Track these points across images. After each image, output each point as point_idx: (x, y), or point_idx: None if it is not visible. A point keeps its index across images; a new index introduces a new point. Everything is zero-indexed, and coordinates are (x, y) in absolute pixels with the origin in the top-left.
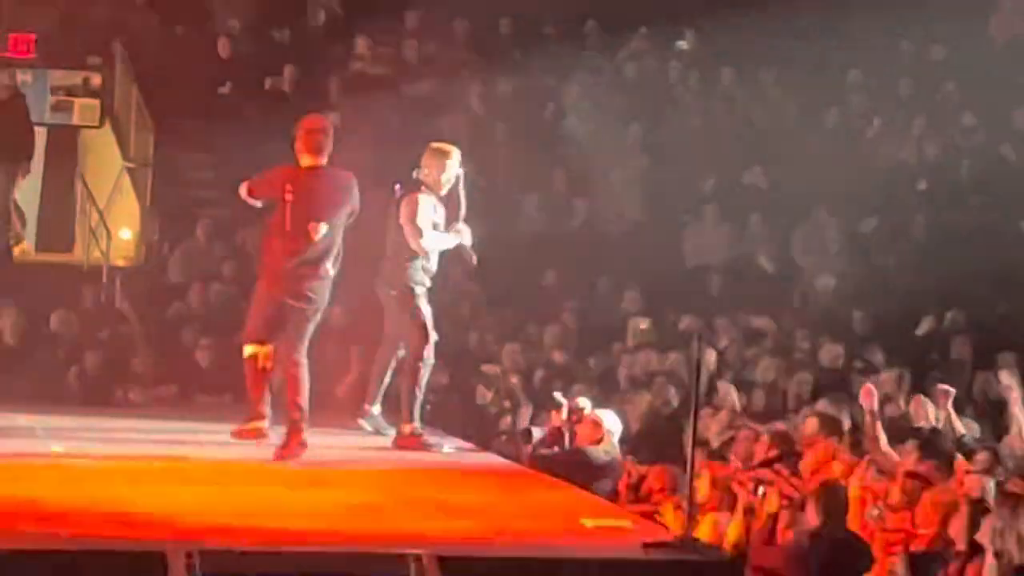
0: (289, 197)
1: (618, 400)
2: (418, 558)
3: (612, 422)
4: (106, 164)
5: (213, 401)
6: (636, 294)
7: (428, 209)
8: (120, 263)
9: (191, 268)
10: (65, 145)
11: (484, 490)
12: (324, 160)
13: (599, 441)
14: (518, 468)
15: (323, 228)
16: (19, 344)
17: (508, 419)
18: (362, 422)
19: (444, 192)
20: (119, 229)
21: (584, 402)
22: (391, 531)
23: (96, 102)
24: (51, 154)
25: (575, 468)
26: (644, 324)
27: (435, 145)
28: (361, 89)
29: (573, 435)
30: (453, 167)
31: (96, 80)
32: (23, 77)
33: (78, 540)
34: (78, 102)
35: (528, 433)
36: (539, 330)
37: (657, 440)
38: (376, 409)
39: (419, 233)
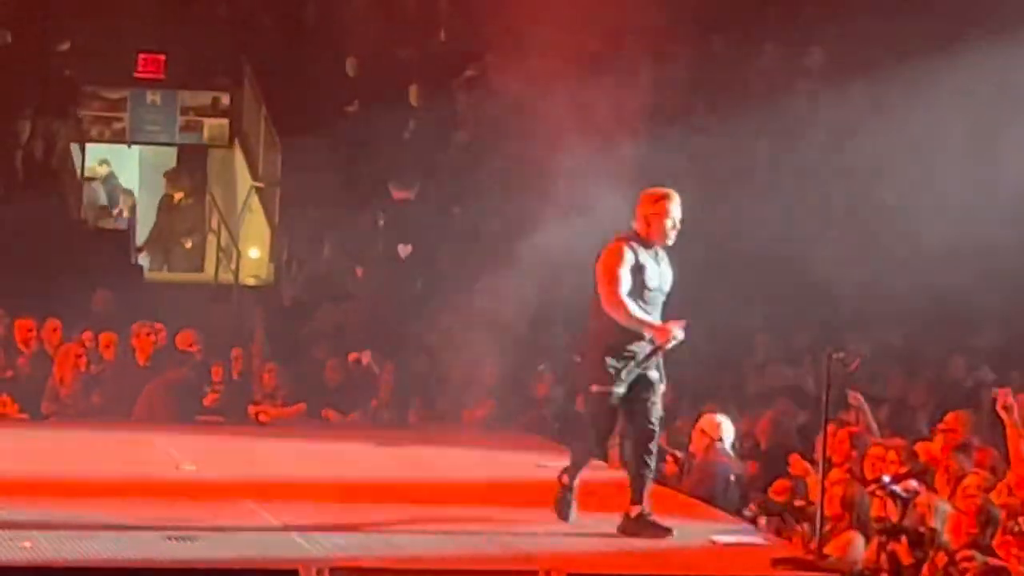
0: None
1: (747, 415)
2: (548, 572)
3: (724, 428)
4: (235, 184)
5: (341, 419)
6: (764, 309)
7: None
8: (250, 282)
9: (319, 287)
10: (195, 165)
11: (611, 505)
12: None
13: (708, 447)
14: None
15: None
16: (150, 364)
17: None
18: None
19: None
20: (248, 248)
21: None
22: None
23: (225, 122)
24: (181, 174)
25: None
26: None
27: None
28: (488, 106)
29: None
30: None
31: (225, 100)
32: (153, 97)
33: (211, 557)
34: (207, 122)
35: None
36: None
37: (785, 455)
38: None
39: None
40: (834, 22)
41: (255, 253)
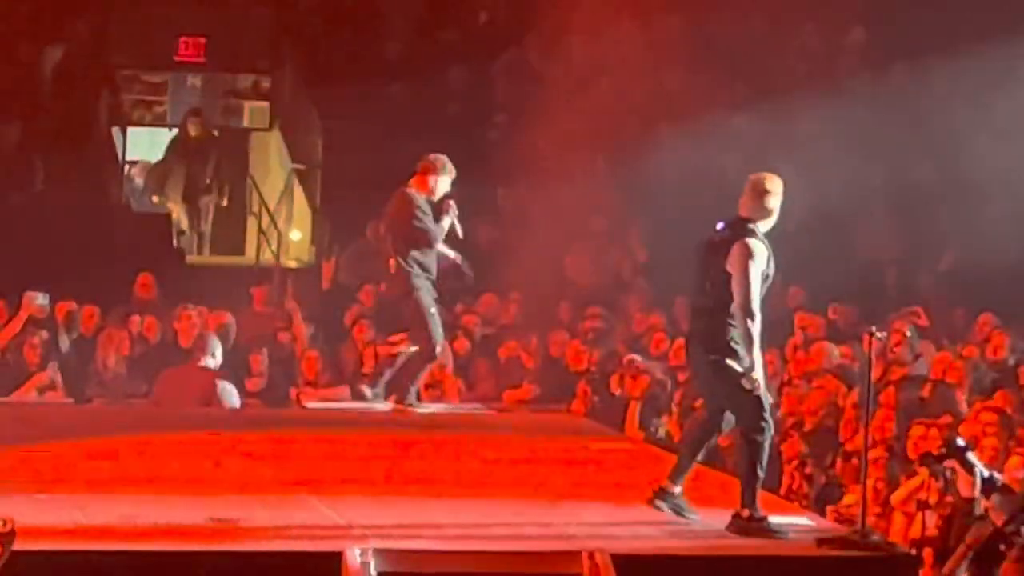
0: None
1: (790, 394)
2: (591, 555)
3: None
4: (276, 166)
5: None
6: (804, 288)
7: (762, 260)
8: (291, 264)
9: (361, 269)
10: (236, 148)
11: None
12: None
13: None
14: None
15: None
16: (193, 346)
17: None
18: (659, 503)
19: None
20: (289, 231)
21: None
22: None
23: (266, 104)
24: (222, 157)
25: None
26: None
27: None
28: (528, 88)
29: None
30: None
31: (265, 83)
32: (193, 81)
33: (254, 541)
34: (248, 105)
35: None
36: None
37: (832, 434)
38: (678, 489)
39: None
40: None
41: (296, 235)
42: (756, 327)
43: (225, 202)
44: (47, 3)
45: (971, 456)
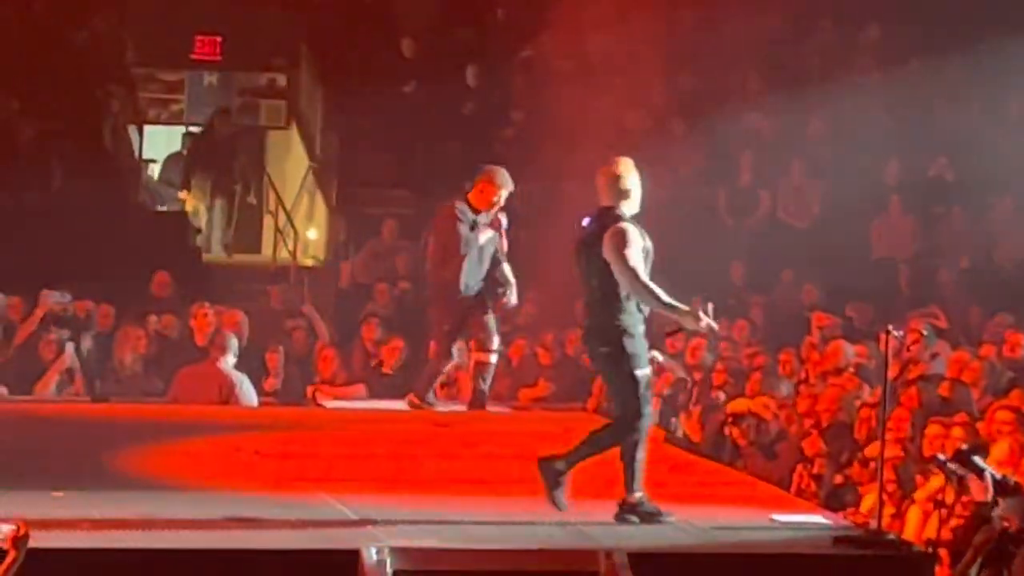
0: None
1: (806, 393)
2: (608, 554)
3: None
4: (292, 165)
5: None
6: (820, 287)
7: (638, 240)
8: (308, 263)
9: (377, 268)
10: (253, 146)
11: (673, 485)
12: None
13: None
14: (707, 464)
15: None
16: (209, 344)
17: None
18: (628, 516)
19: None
20: (306, 229)
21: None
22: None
23: (282, 103)
24: (241, 155)
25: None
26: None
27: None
28: (544, 87)
29: None
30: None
31: (282, 81)
32: (209, 79)
33: (272, 539)
34: (264, 103)
35: None
36: (727, 324)
37: (848, 433)
38: (639, 495)
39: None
40: None
41: (313, 234)
42: (661, 293)
43: (250, 199)
44: (64, 1)
45: (978, 460)
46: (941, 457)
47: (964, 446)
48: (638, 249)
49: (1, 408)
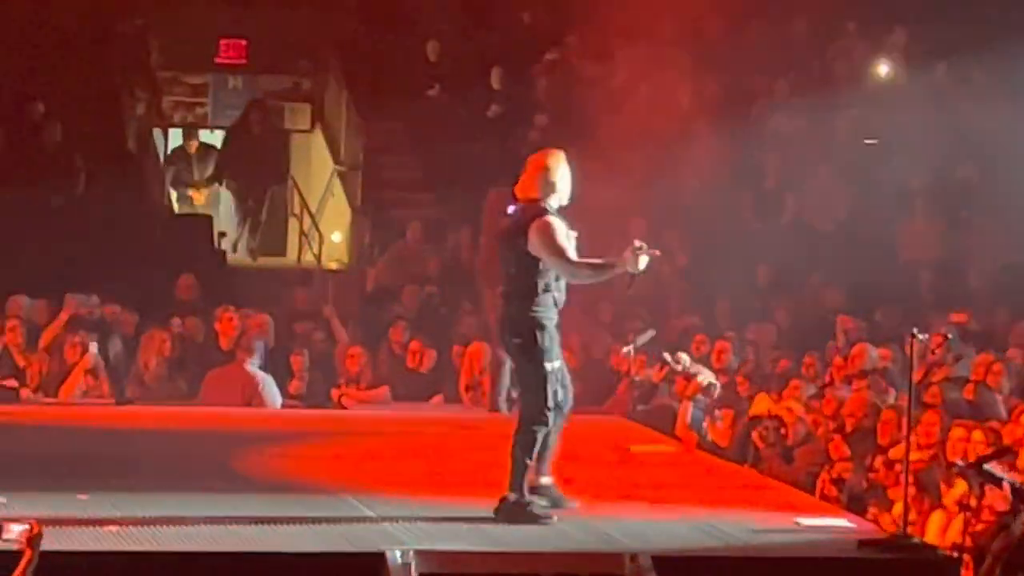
0: None
1: (829, 398)
2: (633, 557)
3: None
4: (317, 168)
5: (423, 403)
6: (845, 290)
7: (563, 229)
8: (332, 266)
9: (401, 270)
10: (277, 149)
11: (697, 488)
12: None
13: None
14: (732, 467)
15: None
16: (233, 347)
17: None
18: (537, 500)
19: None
20: (330, 232)
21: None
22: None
23: (307, 106)
24: (264, 159)
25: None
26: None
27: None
28: (569, 89)
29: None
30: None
31: (306, 84)
32: (234, 82)
33: (297, 543)
34: (289, 106)
35: None
36: (753, 327)
37: (872, 437)
38: (547, 480)
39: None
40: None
41: (337, 237)
42: (590, 261)
43: (275, 202)
44: (90, 5)
45: (994, 470)
46: (960, 463)
47: (983, 454)
48: (563, 236)
49: (27, 411)
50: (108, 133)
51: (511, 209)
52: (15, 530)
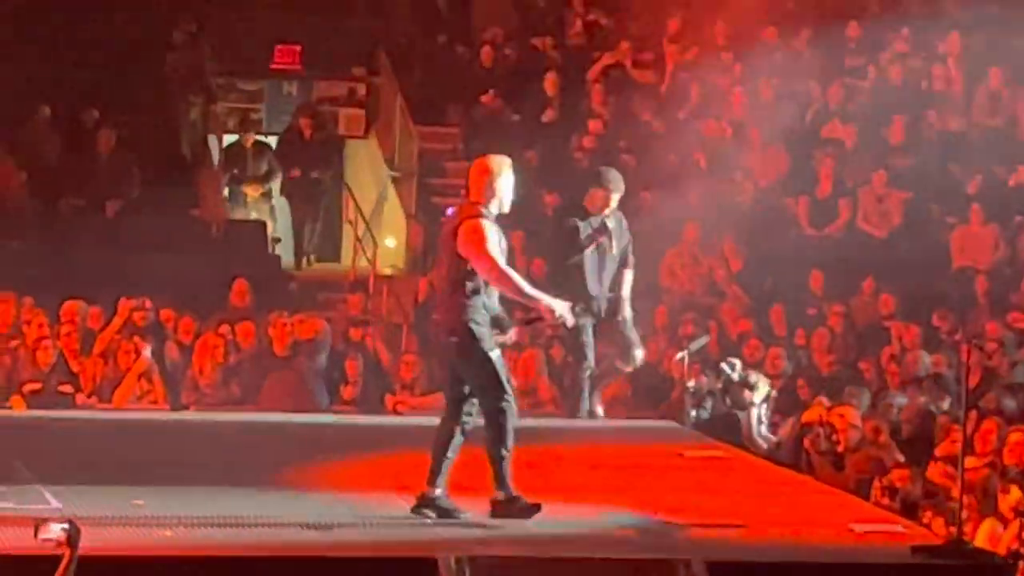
0: None
1: (885, 404)
2: (687, 564)
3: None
4: (371, 174)
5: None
6: (900, 296)
7: (494, 235)
8: (386, 272)
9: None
10: (331, 155)
11: (750, 495)
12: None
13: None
14: (786, 473)
15: None
16: (288, 353)
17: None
18: (423, 510)
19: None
20: (385, 238)
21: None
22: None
23: (361, 112)
24: (318, 165)
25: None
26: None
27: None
28: (623, 95)
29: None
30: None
31: (361, 90)
32: (289, 88)
33: (349, 546)
34: (343, 112)
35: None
36: (805, 333)
37: (927, 443)
38: (439, 491)
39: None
40: (971, 7)
41: (392, 243)
42: (520, 279)
43: (330, 208)
44: (145, 12)
45: None
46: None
47: None
48: (495, 242)
49: (82, 416)
50: (163, 140)
51: (450, 211)
52: (54, 529)
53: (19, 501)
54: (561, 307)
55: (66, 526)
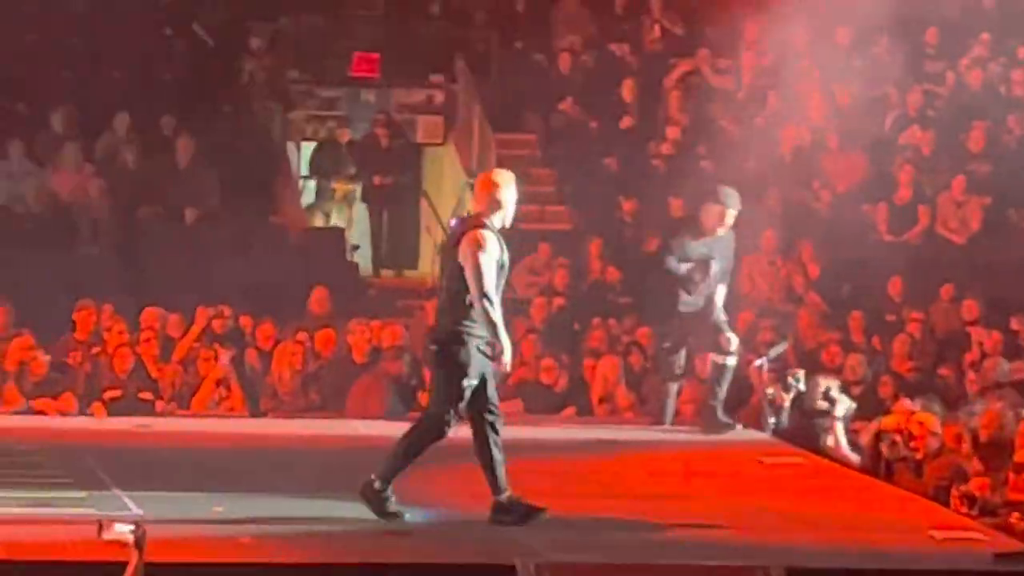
0: None
1: (966, 411)
2: (767, 570)
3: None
4: (449, 181)
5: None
6: (979, 302)
7: (494, 248)
8: None
9: (532, 284)
10: (409, 162)
11: (828, 501)
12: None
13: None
14: (866, 480)
15: None
16: (367, 360)
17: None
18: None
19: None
20: None
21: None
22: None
23: (439, 119)
24: (396, 172)
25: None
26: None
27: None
28: (700, 101)
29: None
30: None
31: (439, 97)
32: (367, 96)
33: (429, 554)
34: (421, 119)
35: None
36: (885, 339)
37: (1007, 450)
38: (384, 486)
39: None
40: None
41: None
42: (497, 312)
43: (408, 215)
44: (222, 19)
45: None
46: None
47: None
48: (492, 258)
49: (162, 423)
50: (241, 147)
51: (454, 222)
52: (119, 530)
53: (100, 507)
54: (508, 354)
55: (132, 527)
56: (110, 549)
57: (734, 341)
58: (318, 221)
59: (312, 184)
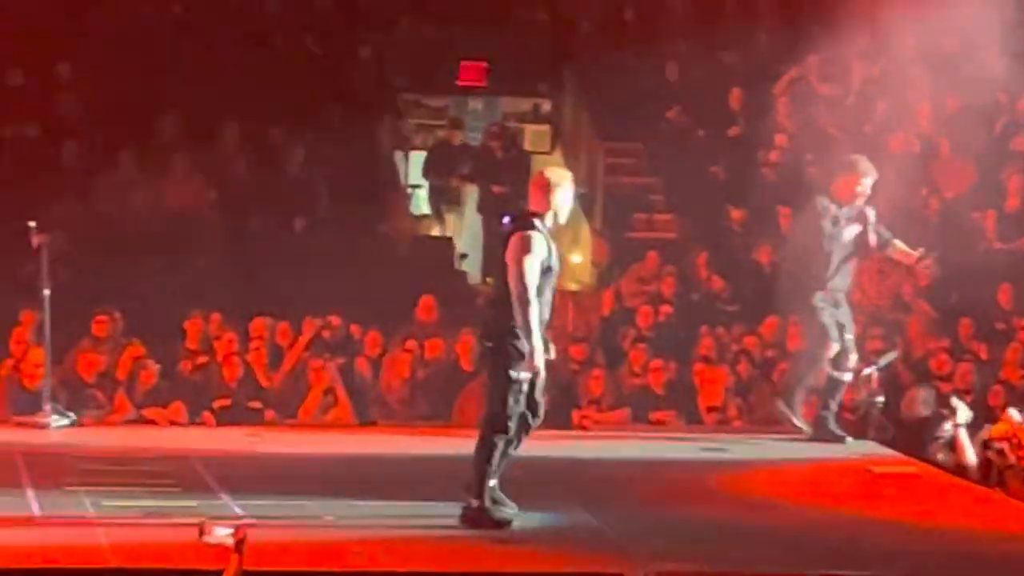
0: None
1: None
2: None
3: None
4: None
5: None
6: None
7: (542, 249)
8: (572, 287)
9: (641, 293)
10: (519, 171)
11: (939, 509)
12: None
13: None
14: (978, 489)
15: None
16: (475, 368)
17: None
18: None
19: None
20: (570, 254)
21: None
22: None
23: (546, 128)
24: (511, 181)
25: None
26: None
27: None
28: (808, 109)
29: None
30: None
31: (546, 106)
32: (474, 104)
33: (535, 561)
34: (529, 128)
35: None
36: (994, 348)
37: None
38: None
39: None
40: None
41: (577, 259)
42: (534, 315)
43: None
44: (330, 28)
45: None
46: None
47: None
48: (538, 259)
49: (271, 432)
50: (349, 156)
51: (506, 220)
52: (218, 533)
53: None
54: (538, 359)
55: (231, 530)
56: (214, 555)
57: (854, 360)
58: (427, 230)
59: (421, 193)
